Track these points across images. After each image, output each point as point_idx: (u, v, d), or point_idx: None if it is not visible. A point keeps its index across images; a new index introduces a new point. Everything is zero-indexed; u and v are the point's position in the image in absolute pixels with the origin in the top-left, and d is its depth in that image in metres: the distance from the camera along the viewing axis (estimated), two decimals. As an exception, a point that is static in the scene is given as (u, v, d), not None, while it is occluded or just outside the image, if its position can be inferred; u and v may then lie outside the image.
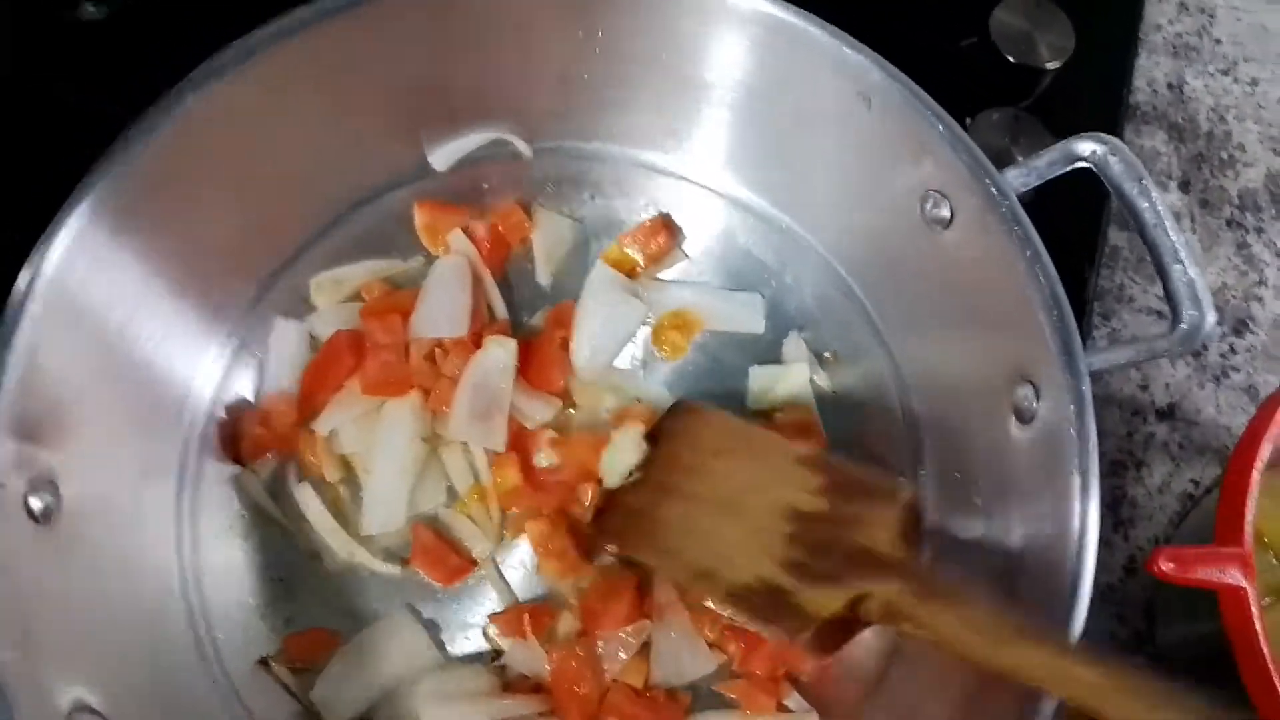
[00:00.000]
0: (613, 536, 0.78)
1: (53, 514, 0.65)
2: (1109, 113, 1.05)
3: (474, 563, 0.81)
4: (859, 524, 0.70)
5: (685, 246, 0.91)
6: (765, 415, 0.86)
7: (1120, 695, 0.56)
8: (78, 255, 0.67)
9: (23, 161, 0.91)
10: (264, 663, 0.78)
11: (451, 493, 0.83)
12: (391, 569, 0.81)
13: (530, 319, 0.89)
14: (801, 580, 0.68)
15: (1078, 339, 0.65)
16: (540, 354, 0.86)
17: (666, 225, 0.90)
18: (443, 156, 0.86)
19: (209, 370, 0.82)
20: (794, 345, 0.88)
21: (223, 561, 0.80)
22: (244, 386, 0.84)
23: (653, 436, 0.81)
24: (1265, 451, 0.72)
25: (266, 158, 0.78)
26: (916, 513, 0.74)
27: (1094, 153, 0.68)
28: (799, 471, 0.74)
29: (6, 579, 0.61)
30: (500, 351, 0.83)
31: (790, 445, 0.78)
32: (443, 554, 0.81)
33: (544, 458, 0.83)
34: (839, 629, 0.67)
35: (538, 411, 0.84)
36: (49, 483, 0.66)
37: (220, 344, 0.82)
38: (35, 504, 0.64)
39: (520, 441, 0.83)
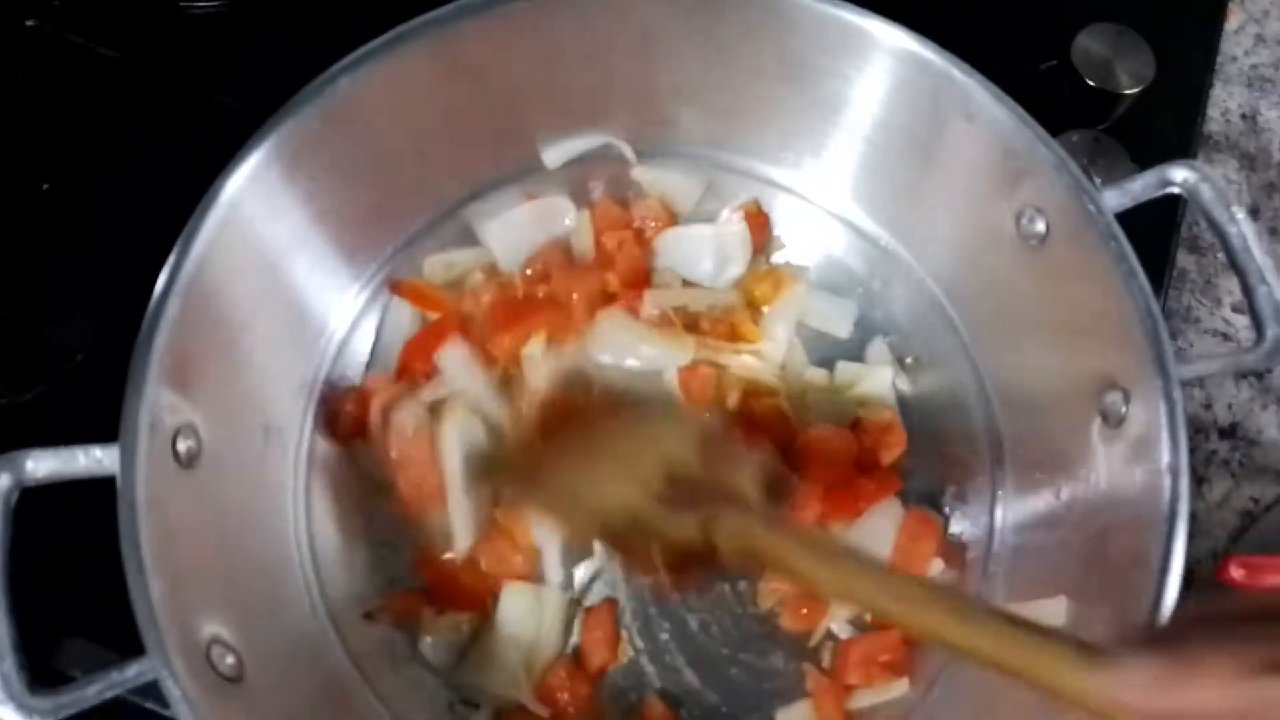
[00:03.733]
0: (510, 482, 0.83)
1: (195, 458, 0.70)
2: (1184, 139, 1.08)
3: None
4: (722, 473, 0.73)
5: (779, 252, 0.95)
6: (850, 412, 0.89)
7: (953, 619, 0.58)
8: (243, 204, 0.73)
9: (136, 145, 0.97)
10: (369, 616, 0.82)
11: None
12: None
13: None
14: (664, 508, 0.71)
15: (1170, 349, 0.68)
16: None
17: (760, 216, 0.93)
18: (554, 155, 0.90)
19: (331, 337, 0.87)
20: (878, 350, 0.91)
21: (333, 520, 0.84)
22: (359, 357, 0.88)
23: (547, 411, 0.85)
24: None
25: (399, 142, 0.82)
26: (778, 476, 0.81)
27: (1186, 180, 0.72)
28: (679, 439, 0.76)
29: (160, 515, 0.65)
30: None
31: (677, 416, 0.83)
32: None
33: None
34: (694, 557, 0.70)
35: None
36: (192, 429, 0.70)
37: (341, 315, 0.87)
38: (181, 447, 0.69)
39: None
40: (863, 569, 0.64)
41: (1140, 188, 0.73)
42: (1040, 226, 0.76)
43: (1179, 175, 0.72)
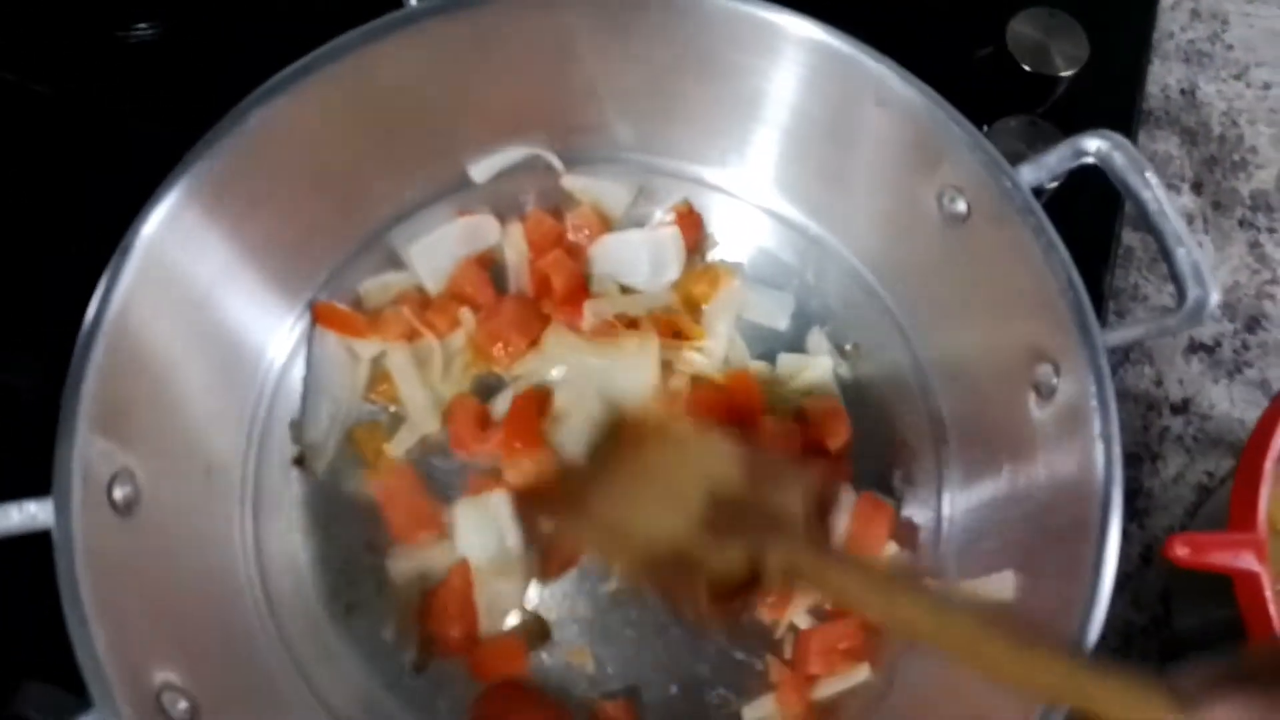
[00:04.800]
0: (552, 511, 0.82)
1: (134, 505, 0.70)
2: (1123, 118, 1.07)
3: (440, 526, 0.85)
4: (767, 495, 0.72)
5: (713, 250, 0.95)
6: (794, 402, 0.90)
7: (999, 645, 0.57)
8: (164, 246, 0.73)
9: (73, 179, 0.97)
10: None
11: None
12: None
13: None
14: (709, 537, 0.70)
15: (1094, 318, 0.69)
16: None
17: (691, 215, 0.94)
18: (481, 170, 0.90)
19: (269, 370, 0.86)
20: (816, 339, 0.92)
21: (283, 552, 0.83)
22: (299, 387, 0.87)
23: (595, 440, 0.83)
24: (1278, 441, 0.76)
25: (322, 168, 0.82)
26: (823, 496, 0.78)
27: (1099, 149, 0.72)
28: (722, 461, 0.75)
29: (100, 566, 0.64)
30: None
31: (716, 439, 0.79)
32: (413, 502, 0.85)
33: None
34: (737, 587, 0.69)
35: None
36: (129, 475, 0.70)
37: (277, 347, 0.87)
38: (118, 495, 0.68)
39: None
40: (918, 597, 0.63)
41: (1056, 161, 0.73)
42: (961, 206, 0.77)
43: (1092, 145, 0.72)
